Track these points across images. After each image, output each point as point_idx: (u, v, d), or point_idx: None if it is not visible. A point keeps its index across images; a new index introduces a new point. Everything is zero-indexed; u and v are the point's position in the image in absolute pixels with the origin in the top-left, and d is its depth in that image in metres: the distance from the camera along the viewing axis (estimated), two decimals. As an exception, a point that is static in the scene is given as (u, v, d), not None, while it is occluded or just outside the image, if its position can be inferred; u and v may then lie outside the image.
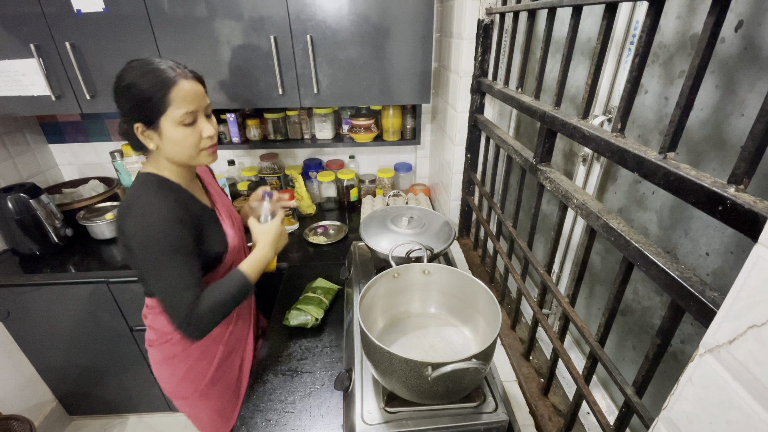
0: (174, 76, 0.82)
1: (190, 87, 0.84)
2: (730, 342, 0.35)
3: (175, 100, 0.82)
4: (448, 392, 0.69)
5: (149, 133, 0.85)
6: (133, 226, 0.82)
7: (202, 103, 0.87)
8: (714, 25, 0.42)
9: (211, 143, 0.90)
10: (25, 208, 1.48)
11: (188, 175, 0.96)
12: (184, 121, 0.84)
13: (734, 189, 0.40)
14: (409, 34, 1.35)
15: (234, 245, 1.01)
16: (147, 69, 0.81)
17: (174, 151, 0.87)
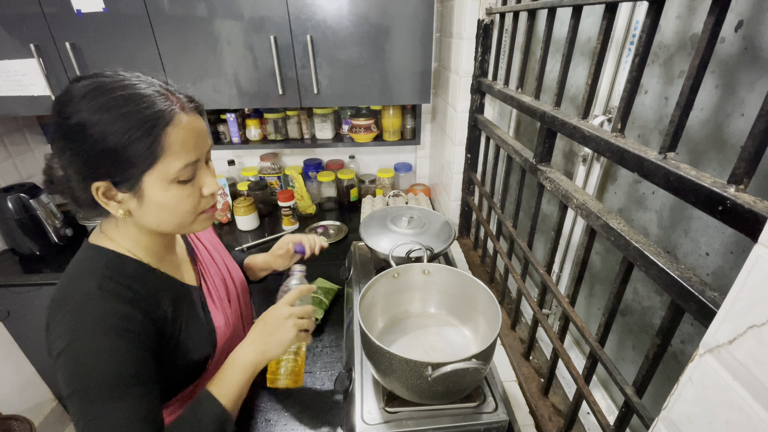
0: (169, 109, 0.55)
1: (192, 125, 0.57)
2: (730, 342, 0.35)
3: (171, 148, 0.55)
4: (448, 392, 0.69)
5: (120, 196, 0.57)
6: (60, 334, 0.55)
7: (205, 147, 0.61)
8: (714, 25, 0.42)
9: (212, 202, 0.65)
10: (25, 208, 1.48)
11: (164, 246, 0.69)
12: (180, 178, 0.57)
13: (734, 189, 0.40)
14: (409, 34, 1.35)
15: (226, 337, 0.74)
16: (121, 96, 0.52)
17: (160, 219, 0.60)
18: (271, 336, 0.66)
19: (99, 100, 0.52)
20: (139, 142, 0.53)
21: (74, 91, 0.53)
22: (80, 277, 0.59)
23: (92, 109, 0.52)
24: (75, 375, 0.54)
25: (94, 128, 0.51)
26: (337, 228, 1.73)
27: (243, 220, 1.69)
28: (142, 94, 0.54)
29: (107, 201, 0.57)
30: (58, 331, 0.55)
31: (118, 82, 0.54)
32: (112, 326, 0.55)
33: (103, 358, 0.54)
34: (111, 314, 0.56)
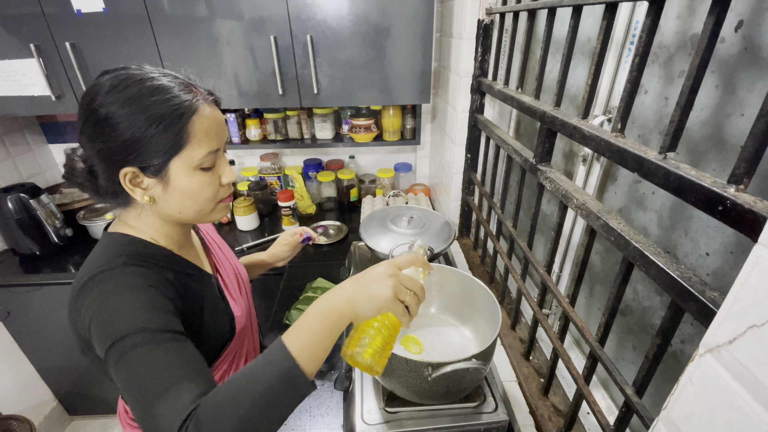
0: (194, 100, 0.58)
1: (214, 115, 0.61)
2: (730, 342, 0.35)
3: (196, 136, 0.58)
4: (448, 392, 0.69)
5: (147, 182, 0.60)
6: (90, 304, 0.55)
7: (224, 137, 0.64)
8: (714, 25, 0.42)
9: (230, 191, 0.67)
10: (25, 208, 1.48)
11: (183, 235, 0.71)
12: (203, 165, 0.60)
13: (734, 189, 0.40)
14: (409, 34, 1.35)
15: (241, 326, 0.76)
16: (146, 88, 0.56)
17: (182, 206, 0.63)
18: (364, 287, 0.55)
19: (128, 90, 0.55)
20: (167, 130, 0.56)
21: (103, 84, 0.56)
22: (104, 258, 0.60)
23: (121, 100, 0.55)
24: (107, 331, 0.52)
25: (124, 118, 0.55)
26: (337, 228, 1.73)
27: (243, 220, 1.69)
28: (168, 86, 0.57)
29: (133, 188, 0.60)
30: (88, 301, 0.55)
31: (145, 74, 0.57)
32: (139, 285, 0.56)
33: (133, 309, 0.54)
34: (138, 276, 0.57)
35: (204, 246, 0.81)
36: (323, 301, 0.54)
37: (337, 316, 0.53)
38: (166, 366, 0.50)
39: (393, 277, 0.56)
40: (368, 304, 0.54)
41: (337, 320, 0.53)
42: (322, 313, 0.53)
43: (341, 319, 0.53)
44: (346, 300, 0.54)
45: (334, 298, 0.54)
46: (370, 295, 0.54)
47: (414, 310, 0.58)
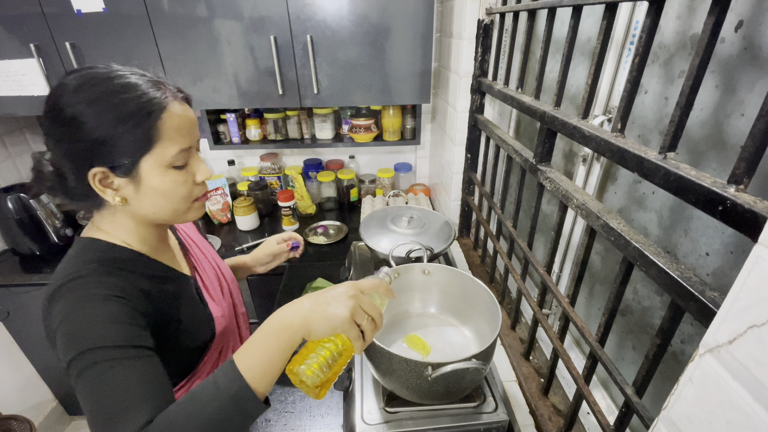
0: (162, 97, 0.57)
1: (185, 113, 0.60)
2: (730, 342, 0.35)
3: (167, 133, 0.57)
4: (448, 392, 0.69)
5: (118, 182, 0.58)
6: (58, 311, 0.53)
7: (196, 135, 0.63)
8: (714, 25, 0.42)
9: (205, 190, 0.66)
10: (25, 208, 1.48)
11: (158, 236, 0.69)
12: (175, 163, 0.59)
13: (734, 189, 0.40)
14: (409, 34, 1.35)
15: (222, 327, 0.73)
16: (113, 86, 0.54)
17: (156, 206, 0.61)
18: (322, 305, 0.53)
19: (95, 89, 0.54)
20: (136, 128, 0.55)
21: (68, 83, 0.55)
22: (74, 266, 0.58)
23: (87, 99, 0.53)
24: (70, 344, 0.51)
25: (91, 117, 0.53)
26: (337, 228, 1.73)
27: (243, 220, 1.69)
28: (136, 84, 0.56)
29: (104, 188, 0.58)
30: (56, 309, 0.54)
31: (112, 72, 0.56)
32: (108, 295, 0.55)
33: (101, 321, 0.52)
34: (108, 286, 0.56)
35: (182, 246, 0.79)
36: (276, 318, 0.53)
37: (290, 333, 0.52)
38: (125, 386, 0.49)
39: (353, 298, 0.54)
40: (323, 323, 0.52)
41: (289, 338, 0.52)
42: (275, 332, 0.52)
43: (293, 337, 0.52)
44: (301, 317, 0.53)
45: (287, 315, 0.53)
46: (327, 314, 0.52)
47: (369, 336, 0.56)
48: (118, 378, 0.50)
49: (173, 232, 0.80)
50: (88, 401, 0.49)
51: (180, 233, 0.82)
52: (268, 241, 1.02)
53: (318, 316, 0.53)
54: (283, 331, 0.52)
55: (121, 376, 0.50)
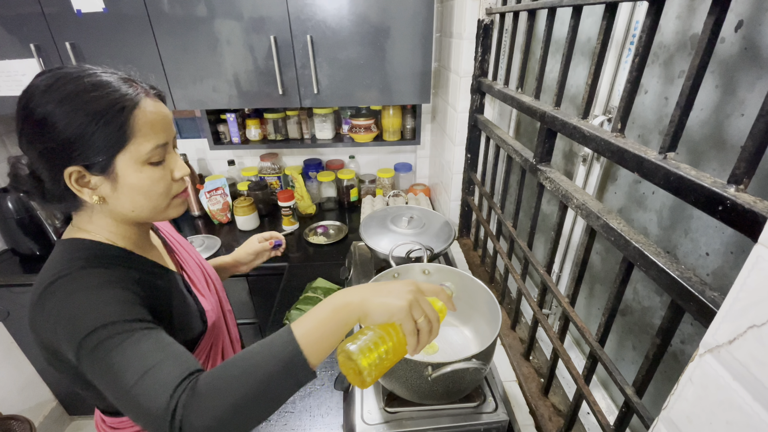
0: (134, 94, 0.57)
1: (158, 109, 0.60)
2: (730, 342, 0.35)
3: (141, 129, 0.57)
4: (448, 392, 0.69)
5: (95, 180, 0.57)
6: (56, 307, 0.53)
7: (171, 132, 0.62)
8: (714, 25, 0.42)
9: (184, 186, 0.66)
10: (25, 208, 1.48)
11: (141, 235, 0.69)
12: (151, 159, 0.59)
13: (734, 189, 0.40)
14: (409, 34, 1.35)
15: (213, 320, 0.75)
16: (83, 84, 0.54)
17: (135, 203, 0.60)
18: (383, 293, 0.54)
19: (65, 89, 0.54)
20: (109, 125, 0.54)
21: (39, 84, 0.54)
22: (59, 265, 0.57)
23: (58, 99, 0.53)
24: (75, 329, 0.51)
25: (62, 116, 0.53)
26: (337, 228, 1.73)
27: (243, 220, 1.69)
28: (107, 81, 0.56)
29: (80, 188, 0.57)
30: (49, 307, 0.53)
31: (82, 71, 0.56)
32: (102, 283, 0.55)
33: (99, 304, 0.53)
34: (100, 276, 0.56)
35: (165, 245, 0.79)
36: (338, 296, 0.54)
37: (348, 311, 0.52)
38: (143, 351, 0.50)
39: (413, 293, 0.55)
40: (381, 308, 0.53)
41: (347, 315, 0.52)
42: (334, 307, 0.53)
43: (351, 315, 0.52)
44: (360, 297, 0.53)
45: (348, 294, 0.54)
46: (386, 301, 0.53)
47: (424, 338, 0.55)
48: (134, 346, 0.50)
49: (156, 232, 0.79)
50: (108, 375, 0.49)
51: (162, 233, 0.82)
52: (250, 240, 1.01)
53: (377, 300, 0.53)
54: (342, 308, 0.53)
55: (137, 344, 0.50)
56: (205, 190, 1.71)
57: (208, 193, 1.72)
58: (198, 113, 1.75)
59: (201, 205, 1.80)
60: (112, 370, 0.49)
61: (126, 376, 0.48)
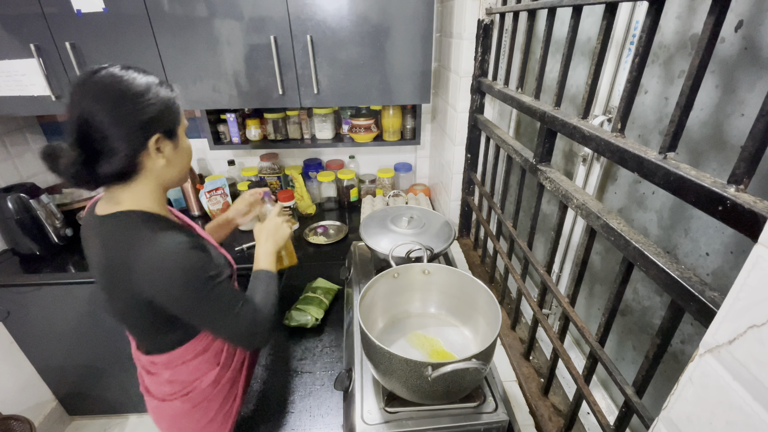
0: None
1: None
2: (730, 342, 0.35)
3: (181, 110, 0.77)
4: (448, 392, 0.69)
5: (167, 145, 0.74)
6: (155, 267, 0.69)
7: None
8: (714, 25, 0.42)
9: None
10: (25, 208, 1.48)
11: (165, 202, 0.83)
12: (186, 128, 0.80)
13: (734, 189, 0.40)
14: (409, 34, 1.35)
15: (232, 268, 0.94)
16: (140, 70, 0.71)
17: (182, 165, 0.80)
18: (276, 234, 0.98)
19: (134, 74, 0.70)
20: (175, 103, 0.75)
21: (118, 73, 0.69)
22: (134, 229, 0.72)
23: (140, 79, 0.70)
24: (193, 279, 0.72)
25: (151, 91, 0.70)
26: (337, 228, 1.73)
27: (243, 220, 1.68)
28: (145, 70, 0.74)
29: (154, 156, 0.73)
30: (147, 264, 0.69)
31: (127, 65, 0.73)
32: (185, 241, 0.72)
33: (197, 257, 0.73)
34: (179, 236, 0.72)
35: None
36: (265, 250, 0.94)
37: (274, 251, 0.96)
38: (233, 290, 0.79)
39: (282, 221, 1.00)
40: (283, 240, 0.99)
41: (274, 252, 0.96)
42: (268, 254, 0.94)
43: (275, 251, 0.96)
44: (274, 243, 0.97)
45: (269, 247, 0.95)
46: (282, 236, 0.99)
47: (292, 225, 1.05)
48: (224, 286, 0.76)
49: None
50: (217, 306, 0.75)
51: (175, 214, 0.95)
52: (240, 198, 1.17)
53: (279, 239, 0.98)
54: (272, 254, 0.95)
55: (225, 285, 0.77)
56: (205, 190, 1.71)
57: (208, 193, 1.72)
58: (198, 113, 1.75)
59: (201, 205, 1.80)
60: (220, 304, 0.75)
61: (232, 306, 0.77)
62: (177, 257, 0.70)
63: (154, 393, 0.91)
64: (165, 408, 0.91)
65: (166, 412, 0.92)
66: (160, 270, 0.69)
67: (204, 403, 0.91)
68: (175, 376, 0.87)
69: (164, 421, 0.94)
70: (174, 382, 0.88)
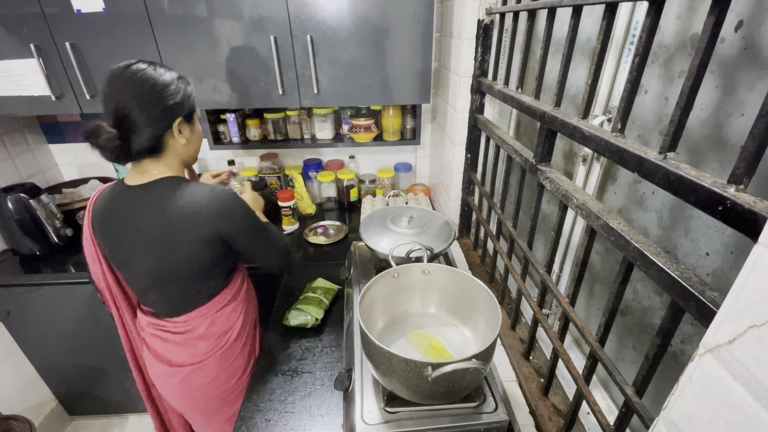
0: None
1: None
2: (730, 342, 0.35)
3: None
4: (448, 392, 0.69)
5: (186, 127, 0.90)
6: (223, 206, 0.87)
7: None
8: (714, 25, 0.42)
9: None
10: (25, 208, 1.48)
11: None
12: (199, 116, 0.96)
13: (734, 189, 0.40)
14: (409, 34, 1.35)
15: None
16: (164, 66, 0.87)
17: (197, 145, 0.97)
18: (255, 203, 1.14)
19: (159, 68, 0.85)
20: (192, 95, 0.91)
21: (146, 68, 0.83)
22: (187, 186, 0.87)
23: (165, 72, 0.85)
24: (246, 214, 0.92)
25: (176, 81, 0.86)
26: (337, 228, 1.73)
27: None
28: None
29: (177, 136, 0.88)
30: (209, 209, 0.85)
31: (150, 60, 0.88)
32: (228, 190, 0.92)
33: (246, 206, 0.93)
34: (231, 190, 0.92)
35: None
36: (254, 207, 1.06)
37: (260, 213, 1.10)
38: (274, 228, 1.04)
39: (253, 198, 1.15)
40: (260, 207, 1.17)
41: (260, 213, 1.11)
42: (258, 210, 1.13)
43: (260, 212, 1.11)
44: (259, 211, 1.12)
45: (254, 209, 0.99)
46: (259, 204, 1.17)
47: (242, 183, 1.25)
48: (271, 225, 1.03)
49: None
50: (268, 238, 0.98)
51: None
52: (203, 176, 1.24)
53: (258, 207, 1.15)
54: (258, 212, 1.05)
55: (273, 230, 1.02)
56: (205, 190, 1.71)
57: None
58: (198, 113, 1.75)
59: (201, 205, 1.80)
60: (267, 230, 0.98)
61: (271, 230, 1.01)
62: (234, 197, 0.89)
63: (184, 361, 0.99)
64: (196, 374, 0.99)
65: (197, 380, 1.00)
66: (227, 207, 0.87)
67: (234, 360, 1.04)
68: (212, 327, 0.99)
69: (193, 391, 1.01)
70: (209, 338, 0.99)
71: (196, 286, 0.95)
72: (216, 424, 1.10)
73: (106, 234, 0.91)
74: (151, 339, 1.00)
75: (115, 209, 0.89)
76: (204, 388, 1.01)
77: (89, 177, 1.92)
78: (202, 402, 1.03)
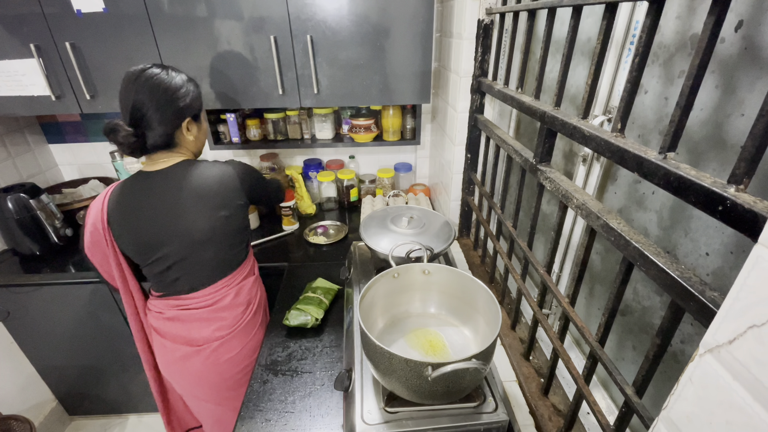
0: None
1: None
2: (730, 342, 0.35)
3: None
4: (448, 392, 0.69)
5: (194, 125, 1.01)
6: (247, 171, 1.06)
7: None
8: (714, 25, 0.42)
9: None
10: (25, 208, 1.48)
11: None
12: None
13: (734, 189, 0.40)
14: (409, 34, 1.35)
15: None
16: (175, 69, 0.97)
17: (203, 141, 1.07)
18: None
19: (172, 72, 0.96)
20: (200, 96, 1.02)
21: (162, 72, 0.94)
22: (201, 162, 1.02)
23: (178, 76, 0.96)
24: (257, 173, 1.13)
25: (188, 84, 0.98)
26: (337, 228, 1.73)
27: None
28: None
29: (186, 133, 1.00)
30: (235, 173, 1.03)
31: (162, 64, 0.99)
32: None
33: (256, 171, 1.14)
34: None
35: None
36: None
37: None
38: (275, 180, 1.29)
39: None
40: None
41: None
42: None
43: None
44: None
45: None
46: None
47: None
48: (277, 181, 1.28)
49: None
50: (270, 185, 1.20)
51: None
52: None
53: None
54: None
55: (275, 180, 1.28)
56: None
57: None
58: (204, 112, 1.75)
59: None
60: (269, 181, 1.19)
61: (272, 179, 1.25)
62: (249, 165, 1.09)
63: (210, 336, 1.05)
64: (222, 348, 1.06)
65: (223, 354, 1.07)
66: (249, 172, 1.07)
67: (255, 334, 1.14)
68: (237, 297, 1.08)
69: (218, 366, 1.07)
70: (234, 308, 1.08)
71: (226, 252, 1.04)
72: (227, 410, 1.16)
73: (131, 220, 0.96)
74: (169, 324, 1.04)
75: (139, 194, 0.96)
76: (229, 362, 1.08)
77: (89, 177, 1.92)
78: (222, 379, 1.09)
